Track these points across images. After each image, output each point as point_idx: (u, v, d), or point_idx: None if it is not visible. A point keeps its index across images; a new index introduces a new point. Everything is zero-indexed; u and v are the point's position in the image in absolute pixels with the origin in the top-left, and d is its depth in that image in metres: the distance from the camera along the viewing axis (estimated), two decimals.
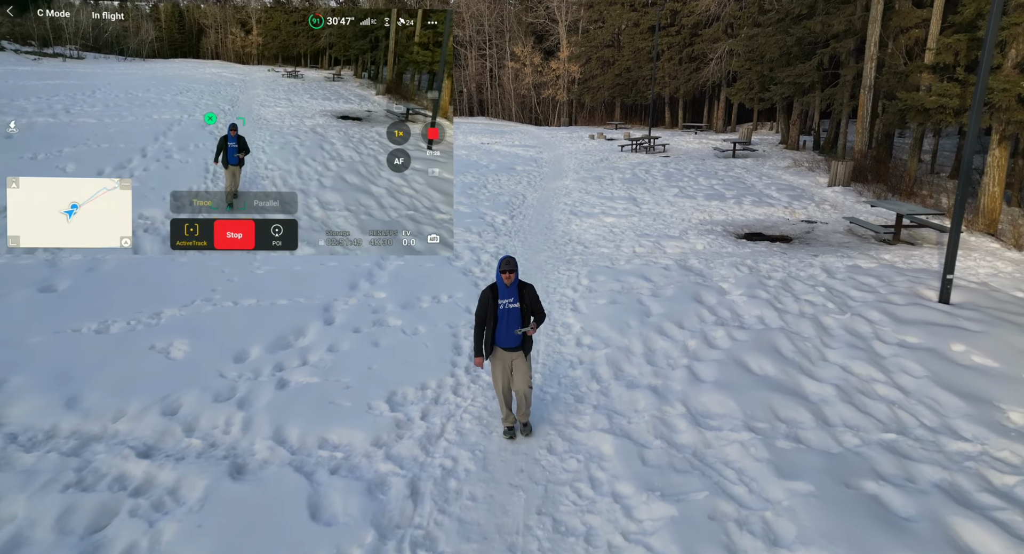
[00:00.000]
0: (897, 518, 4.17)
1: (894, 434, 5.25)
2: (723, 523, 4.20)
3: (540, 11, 48.90)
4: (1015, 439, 5.12)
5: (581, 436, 5.31)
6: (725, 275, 9.25)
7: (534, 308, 5.00)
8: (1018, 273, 9.38)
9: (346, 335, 6.97)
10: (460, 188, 16.05)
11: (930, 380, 6.07)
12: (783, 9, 20.26)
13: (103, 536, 3.97)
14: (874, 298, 8.18)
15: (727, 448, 5.06)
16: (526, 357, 5.05)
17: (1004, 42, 11.49)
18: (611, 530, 4.20)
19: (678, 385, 6.09)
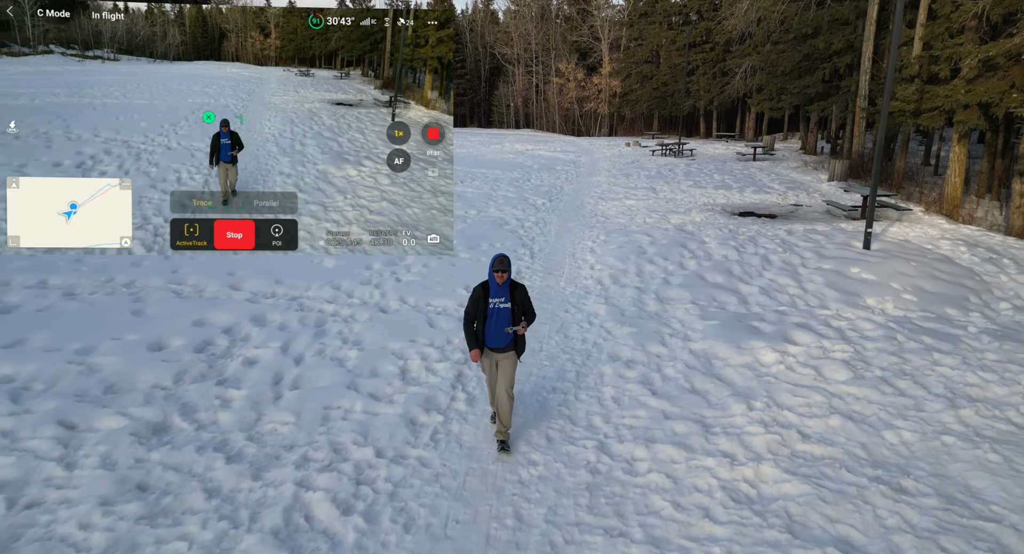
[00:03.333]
0: (760, 332, 7.27)
1: (785, 307, 8.31)
2: (662, 335, 7.38)
3: (584, 30, 52.46)
4: (860, 309, 8.11)
5: (585, 305, 8.55)
6: (710, 234, 12.31)
7: (525, 309, 4.96)
8: (938, 235, 12.11)
9: (434, 259, 10.39)
10: (507, 181, 19.48)
11: (824, 284, 9.06)
12: (794, 29, 23.13)
13: (326, 329, 7.43)
14: (814, 246, 11.12)
15: (676, 311, 8.22)
16: (517, 359, 5.04)
17: (951, 57, 14.19)
18: (598, 338, 7.42)
19: (654, 286, 9.25)
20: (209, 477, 4.57)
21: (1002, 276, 9.53)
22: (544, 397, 6.04)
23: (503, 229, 12.92)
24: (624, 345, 7.13)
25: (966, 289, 8.90)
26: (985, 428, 5.32)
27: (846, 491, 4.45)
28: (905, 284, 8.98)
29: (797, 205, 16.22)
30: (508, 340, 4.90)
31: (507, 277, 4.82)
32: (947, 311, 8.16)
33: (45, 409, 5.26)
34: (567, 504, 4.41)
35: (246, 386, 5.95)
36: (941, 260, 10.17)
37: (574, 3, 53.83)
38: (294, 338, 7.05)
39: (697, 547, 3.95)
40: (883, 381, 6.14)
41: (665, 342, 7.20)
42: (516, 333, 4.87)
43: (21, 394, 5.54)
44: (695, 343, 7.13)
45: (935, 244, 11.35)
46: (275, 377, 6.18)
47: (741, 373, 6.38)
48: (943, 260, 10.18)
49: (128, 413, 5.33)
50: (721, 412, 5.67)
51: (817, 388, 6.05)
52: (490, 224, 13.21)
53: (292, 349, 6.81)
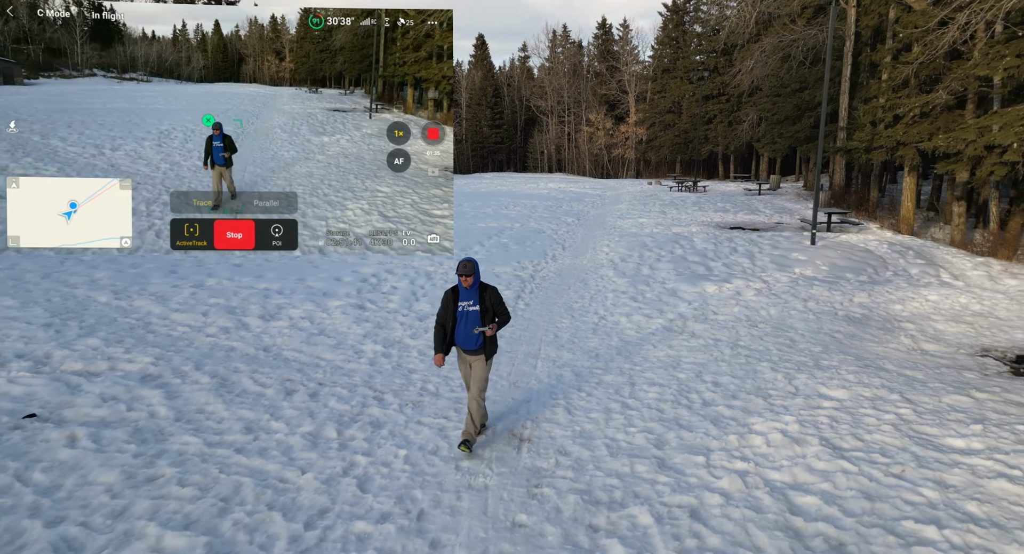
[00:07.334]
0: (711, 279, 11.23)
1: (736, 271, 12.23)
2: (647, 281, 11.40)
3: (613, 84, 57.90)
4: (785, 273, 12.00)
5: (599, 271, 12.61)
6: (699, 237, 16.31)
7: (496, 310, 4.99)
8: (875, 239, 15.86)
9: (499, 247, 14.60)
10: (543, 207, 23.84)
11: (769, 261, 12.95)
12: (788, 84, 27.48)
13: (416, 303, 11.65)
14: (773, 243, 15.01)
15: (660, 273, 12.22)
16: (487, 361, 5.09)
17: (894, 105, 18.20)
18: (606, 283, 11.45)
19: (648, 261, 13.28)
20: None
21: (900, 259, 13.27)
22: (571, 305, 10.08)
23: (541, 235, 17.15)
24: (622, 286, 11.17)
25: (867, 265, 12.69)
26: (818, 310, 9.18)
27: (732, 332, 8.38)
28: (825, 261, 12.83)
29: (779, 223, 20.09)
30: (478, 342, 4.98)
31: (472, 281, 4.88)
32: (846, 275, 11.97)
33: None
34: (582, 330, 8.44)
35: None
36: (862, 251, 13.97)
37: (604, 61, 59.54)
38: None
39: (641, 338, 7.94)
40: (774, 295, 10.10)
41: (649, 284, 11.21)
42: (484, 334, 4.94)
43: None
44: (667, 284, 11.13)
45: (867, 244, 15.12)
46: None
47: (690, 294, 10.38)
48: (863, 251, 13.98)
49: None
50: (672, 308, 9.66)
51: (734, 299, 10.01)
52: (531, 232, 17.48)
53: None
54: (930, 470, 4.66)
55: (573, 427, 5.64)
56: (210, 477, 4.58)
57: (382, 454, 5.08)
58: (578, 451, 5.17)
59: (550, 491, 4.54)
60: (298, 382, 6.52)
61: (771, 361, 7.36)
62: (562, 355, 7.71)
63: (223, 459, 4.87)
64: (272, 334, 8.04)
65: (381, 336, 8.21)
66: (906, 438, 5.21)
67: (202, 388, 6.18)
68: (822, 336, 8.32)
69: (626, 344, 8.12)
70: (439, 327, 5.01)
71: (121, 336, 7.40)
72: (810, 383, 6.59)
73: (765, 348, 7.82)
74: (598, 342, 8.21)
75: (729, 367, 7.18)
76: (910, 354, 7.68)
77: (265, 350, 7.50)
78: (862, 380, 6.62)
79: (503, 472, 4.83)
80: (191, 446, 5.04)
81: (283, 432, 5.38)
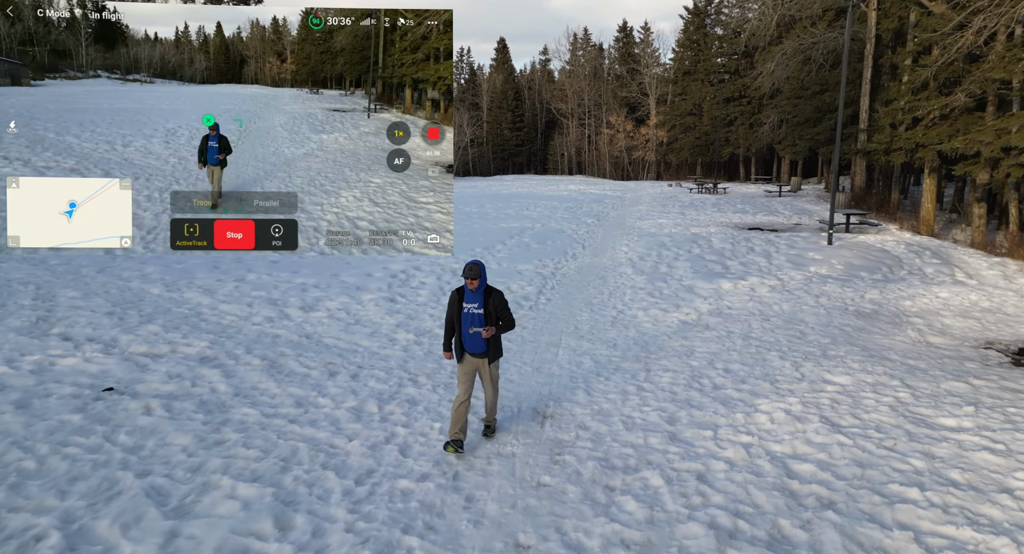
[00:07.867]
0: (727, 276, 11.63)
1: (752, 270, 12.61)
2: (665, 279, 11.85)
3: (633, 87, 58.16)
4: (801, 272, 12.35)
5: (619, 268, 13.08)
6: (717, 237, 16.67)
7: (500, 315, 5.04)
8: (892, 240, 16.07)
9: (521, 246, 15.15)
10: (563, 208, 24.33)
11: (785, 261, 13.30)
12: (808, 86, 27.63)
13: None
14: (790, 243, 15.32)
15: (677, 271, 12.65)
16: (490, 364, 5.17)
17: (913, 107, 18.36)
18: (625, 280, 11.92)
19: (666, 260, 13.71)
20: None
21: (916, 259, 13.52)
22: (590, 300, 10.58)
23: (562, 235, 17.65)
24: (640, 283, 11.63)
25: (882, 264, 12.98)
26: (829, 305, 9.55)
27: (744, 325, 8.81)
28: (840, 260, 13.14)
29: (797, 224, 20.33)
30: (482, 345, 5.05)
31: (478, 284, 4.90)
32: (860, 273, 12.28)
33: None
34: (601, 323, 8.93)
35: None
36: (878, 251, 14.24)
37: (624, 63, 59.83)
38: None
39: (657, 331, 8.41)
40: (788, 292, 10.48)
41: (666, 281, 11.66)
42: (482, 335, 4.97)
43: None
44: (684, 281, 11.57)
45: (884, 244, 15.37)
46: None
47: (706, 291, 10.81)
48: (880, 251, 14.25)
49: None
50: (688, 303, 10.10)
51: (748, 295, 10.42)
52: (551, 231, 17.99)
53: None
54: (920, 444, 5.08)
55: (592, 406, 6.15)
56: (270, 442, 5.19)
57: (419, 426, 5.64)
58: (596, 426, 5.68)
59: (571, 458, 5.06)
60: (339, 365, 7.13)
61: (780, 351, 7.78)
62: (582, 345, 8.21)
63: (279, 428, 5.47)
64: (312, 323, 8.68)
65: (412, 326, 8.80)
66: (901, 417, 5.63)
67: (254, 369, 6.81)
68: (831, 329, 8.70)
69: (642, 335, 8.60)
70: (447, 326, 5.19)
71: (177, 323, 8.10)
72: (816, 370, 7.01)
73: (775, 339, 8.24)
74: (616, 333, 8.69)
75: (740, 356, 7.62)
76: (915, 346, 8.04)
77: (307, 337, 8.13)
78: (866, 368, 7.02)
79: (528, 442, 5.36)
80: (250, 416, 5.66)
81: (330, 407, 5.98)
